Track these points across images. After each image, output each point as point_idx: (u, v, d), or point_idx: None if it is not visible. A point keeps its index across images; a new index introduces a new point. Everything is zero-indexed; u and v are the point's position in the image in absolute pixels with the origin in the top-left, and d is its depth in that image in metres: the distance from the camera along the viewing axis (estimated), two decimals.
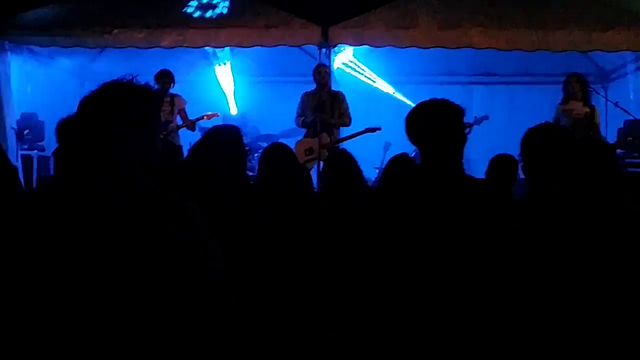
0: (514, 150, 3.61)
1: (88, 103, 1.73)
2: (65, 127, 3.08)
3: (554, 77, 7.02)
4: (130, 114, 1.71)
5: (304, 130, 7.43)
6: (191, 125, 7.68)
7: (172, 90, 7.54)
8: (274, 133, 9.52)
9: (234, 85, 9.78)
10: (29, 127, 7.65)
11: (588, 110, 6.85)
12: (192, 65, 9.04)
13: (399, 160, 4.08)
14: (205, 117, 7.79)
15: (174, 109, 7.53)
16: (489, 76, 10.14)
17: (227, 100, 9.77)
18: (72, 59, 8.77)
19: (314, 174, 6.82)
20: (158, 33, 7.11)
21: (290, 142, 8.92)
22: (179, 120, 7.66)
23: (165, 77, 7.41)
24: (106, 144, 1.70)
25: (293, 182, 3.52)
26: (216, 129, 3.59)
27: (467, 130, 8.05)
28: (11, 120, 7.49)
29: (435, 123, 2.39)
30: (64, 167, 3.00)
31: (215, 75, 9.55)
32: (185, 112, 7.70)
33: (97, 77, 2.90)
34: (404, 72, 9.75)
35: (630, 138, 7.18)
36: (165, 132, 7.22)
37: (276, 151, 3.64)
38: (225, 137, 3.41)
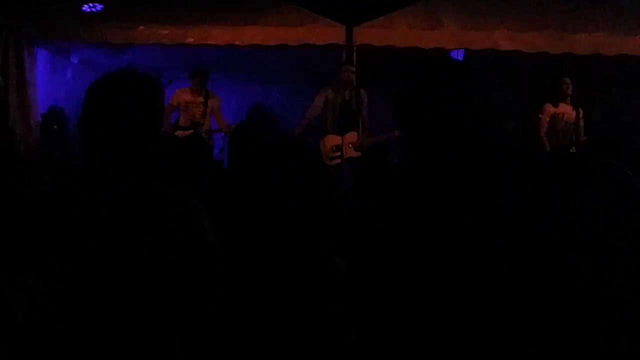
0: None
1: (92, 93, 1.68)
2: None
3: None
4: (135, 102, 1.66)
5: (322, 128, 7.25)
6: (228, 129, 6.76)
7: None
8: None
9: None
10: (56, 122, 7.69)
11: (575, 113, 6.82)
12: None
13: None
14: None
15: (206, 110, 6.95)
16: None
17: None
18: (97, 54, 8.82)
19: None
20: (183, 30, 7.14)
21: (311, 141, 8.87)
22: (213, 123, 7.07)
23: (201, 74, 6.91)
24: (114, 134, 1.65)
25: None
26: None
27: None
28: (36, 114, 7.56)
29: None
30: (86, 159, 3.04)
31: None
32: (220, 113, 7.05)
33: None
34: None
35: None
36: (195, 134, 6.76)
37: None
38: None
